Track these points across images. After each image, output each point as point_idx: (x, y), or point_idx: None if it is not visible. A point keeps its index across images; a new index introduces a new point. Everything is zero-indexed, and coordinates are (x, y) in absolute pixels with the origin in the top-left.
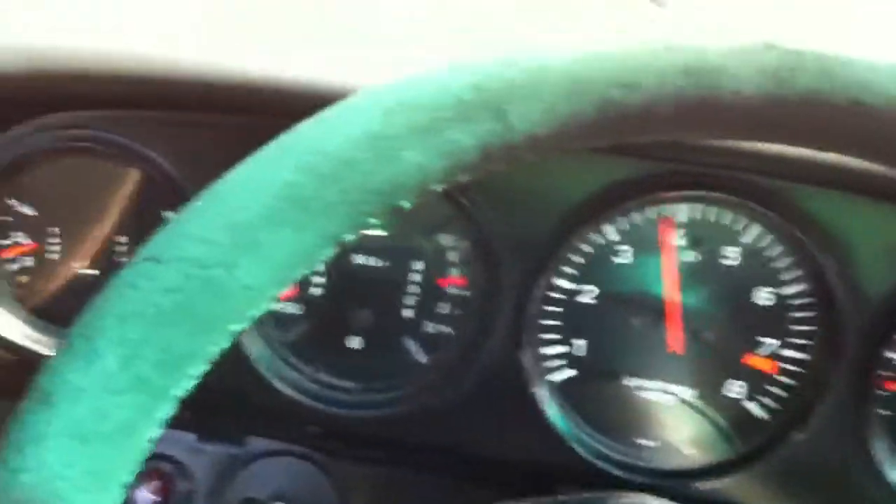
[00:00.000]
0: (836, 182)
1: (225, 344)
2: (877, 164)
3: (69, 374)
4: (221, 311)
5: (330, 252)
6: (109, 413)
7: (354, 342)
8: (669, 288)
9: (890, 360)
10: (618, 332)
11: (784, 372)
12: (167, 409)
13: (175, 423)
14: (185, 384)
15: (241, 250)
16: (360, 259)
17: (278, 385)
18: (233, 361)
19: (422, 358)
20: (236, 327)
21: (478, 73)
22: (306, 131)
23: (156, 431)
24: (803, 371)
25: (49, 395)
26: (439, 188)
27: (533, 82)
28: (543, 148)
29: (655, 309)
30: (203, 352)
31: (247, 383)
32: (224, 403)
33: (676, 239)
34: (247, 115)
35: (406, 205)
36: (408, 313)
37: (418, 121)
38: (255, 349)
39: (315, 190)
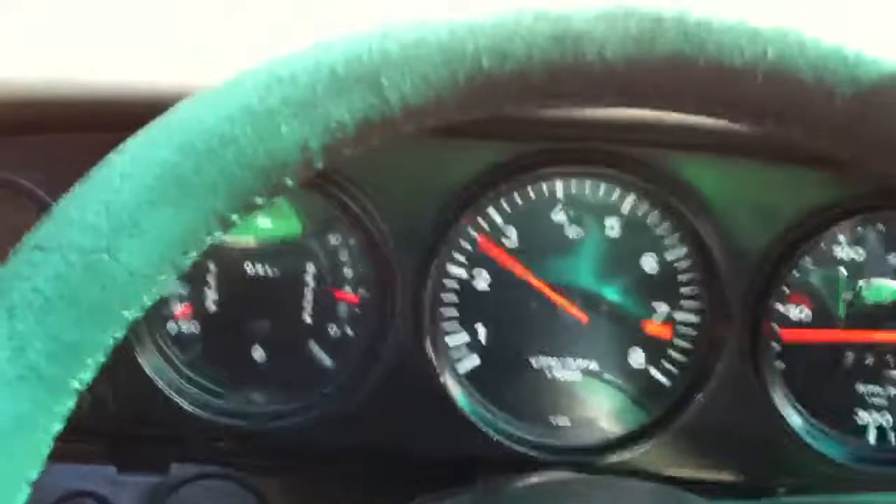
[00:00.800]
0: (705, 145)
1: (120, 332)
2: (739, 124)
3: None
4: (109, 297)
5: (218, 232)
6: (4, 407)
7: (257, 354)
8: (558, 264)
9: (778, 311)
10: (517, 315)
11: (680, 335)
12: (67, 402)
13: (94, 458)
14: (83, 375)
15: (122, 234)
16: (251, 268)
17: (186, 406)
18: (138, 388)
19: (327, 362)
20: (130, 314)
21: (351, 46)
22: (183, 110)
23: (58, 426)
24: (697, 333)
25: None
26: (321, 164)
27: (406, 54)
28: (421, 119)
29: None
30: (96, 341)
31: (155, 409)
32: (140, 432)
33: (557, 215)
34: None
35: (290, 182)
36: (308, 318)
37: (294, 96)
38: (158, 373)
39: (194, 168)
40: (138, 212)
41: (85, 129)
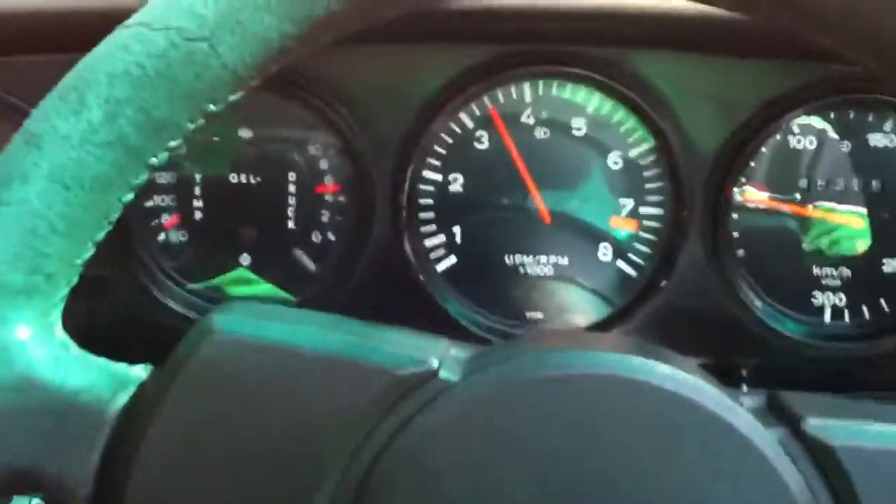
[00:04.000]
0: (662, 41)
1: (199, 121)
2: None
3: (57, 122)
4: (201, 85)
5: (299, 51)
6: (89, 164)
7: (244, 260)
8: (527, 166)
9: (737, 200)
10: (490, 215)
11: (645, 228)
12: (140, 175)
13: None
14: (159, 154)
15: (224, 28)
16: (235, 178)
17: (176, 307)
18: (133, 296)
19: (311, 266)
20: (212, 108)
21: None
22: None
23: (127, 196)
24: (661, 226)
25: (38, 138)
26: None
27: None
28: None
29: (520, 188)
30: (179, 124)
31: (148, 312)
32: (131, 340)
33: (526, 118)
34: None
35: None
36: (292, 225)
37: None
38: (151, 279)
39: None
40: (242, 11)
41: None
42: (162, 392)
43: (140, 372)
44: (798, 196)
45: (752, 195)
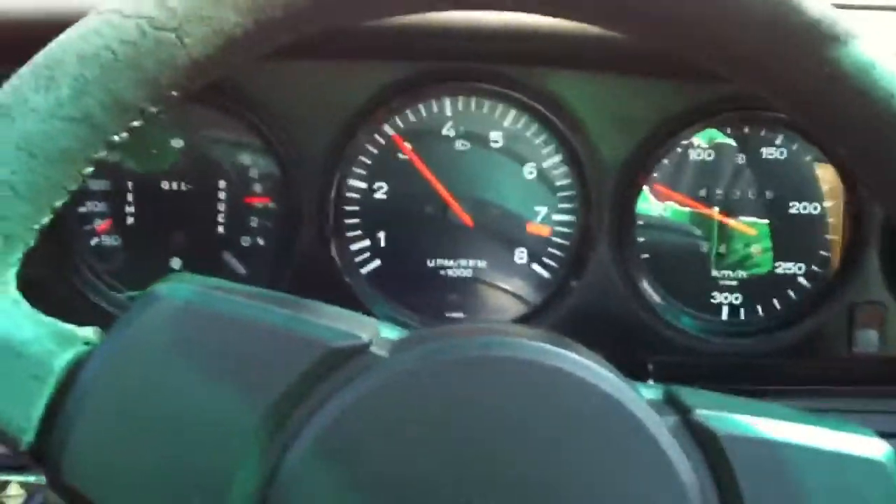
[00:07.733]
0: (573, 61)
1: (161, 106)
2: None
3: (28, 95)
4: (165, 72)
5: (257, 48)
6: (55, 136)
7: (175, 263)
8: (449, 174)
9: (641, 207)
10: (413, 221)
11: (558, 234)
12: (100, 150)
13: None
14: (120, 131)
15: (192, 21)
16: (167, 184)
17: (112, 310)
18: (68, 301)
19: (241, 269)
20: (175, 93)
21: None
22: None
23: (88, 168)
24: (573, 231)
25: (7, 108)
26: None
27: None
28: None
29: (441, 196)
30: (141, 105)
31: (83, 317)
32: None
33: (447, 130)
34: None
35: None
36: (221, 230)
37: None
38: (86, 284)
39: None
40: (209, 7)
41: None
42: (108, 351)
43: (88, 333)
44: (698, 204)
45: (655, 204)
